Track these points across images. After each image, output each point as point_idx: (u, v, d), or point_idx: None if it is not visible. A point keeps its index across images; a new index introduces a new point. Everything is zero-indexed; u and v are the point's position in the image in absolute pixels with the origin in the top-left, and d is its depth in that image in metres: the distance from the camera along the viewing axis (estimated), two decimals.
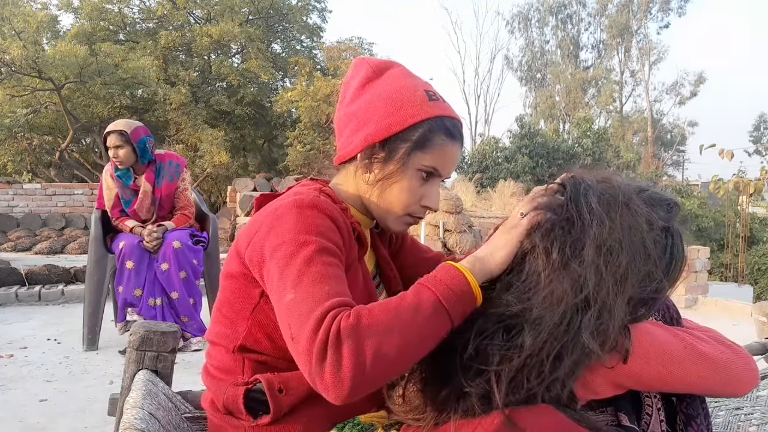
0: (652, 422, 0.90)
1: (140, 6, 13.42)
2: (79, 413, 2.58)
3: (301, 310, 0.79)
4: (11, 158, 11.64)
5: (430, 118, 0.99)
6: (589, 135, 14.57)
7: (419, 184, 1.02)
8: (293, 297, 0.81)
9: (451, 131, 1.02)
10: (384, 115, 0.99)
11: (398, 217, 1.04)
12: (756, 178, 6.19)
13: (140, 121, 11.56)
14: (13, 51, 9.26)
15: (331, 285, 0.82)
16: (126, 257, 3.34)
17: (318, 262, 0.85)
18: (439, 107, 1.01)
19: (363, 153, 1.01)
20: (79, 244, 7.51)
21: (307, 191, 0.98)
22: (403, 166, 1.00)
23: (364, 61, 1.07)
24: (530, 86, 32.42)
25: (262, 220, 0.95)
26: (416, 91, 1.01)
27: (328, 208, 0.94)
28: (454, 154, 1.03)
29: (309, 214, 0.91)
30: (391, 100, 1.00)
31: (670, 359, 0.85)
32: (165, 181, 3.47)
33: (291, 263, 0.85)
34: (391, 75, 1.04)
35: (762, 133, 31.76)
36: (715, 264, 9.82)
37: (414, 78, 1.05)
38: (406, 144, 0.99)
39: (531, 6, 31.46)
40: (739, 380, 0.89)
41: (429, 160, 1.00)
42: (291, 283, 0.83)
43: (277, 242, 0.89)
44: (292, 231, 0.89)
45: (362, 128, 1.01)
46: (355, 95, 1.04)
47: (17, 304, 4.75)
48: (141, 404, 0.99)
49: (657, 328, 0.89)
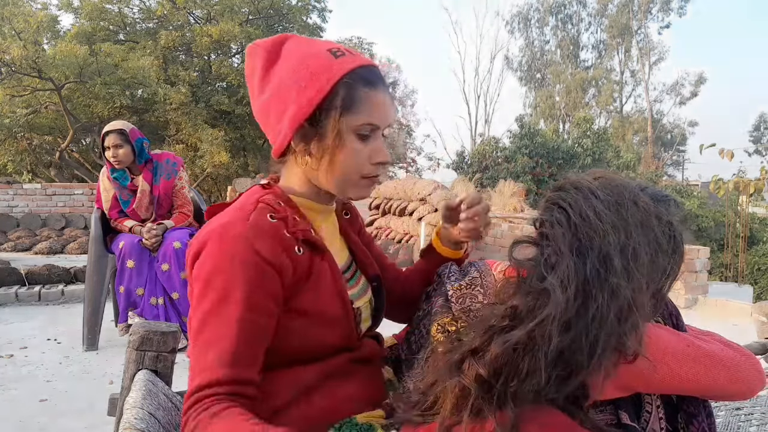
0: (652, 420, 0.90)
1: (140, 6, 13.42)
2: (79, 413, 2.57)
3: (192, 368, 0.88)
4: (11, 158, 11.64)
5: (344, 76, 0.95)
6: (589, 135, 14.56)
7: (363, 145, 0.98)
8: (191, 349, 0.90)
9: (371, 80, 0.97)
10: (299, 92, 0.95)
11: (355, 183, 1.01)
12: (756, 178, 6.18)
13: (140, 121, 11.61)
14: (13, 51, 9.26)
15: (219, 350, 0.87)
16: (126, 256, 3.34)
17: (220, 317, 0.88)
18: (348, 61, 0.96)
19: (295, 138, 0.97)
20: (79, 244, 7.50)
21: (242, 210, 0.94)
22: (339, 134, 0.95)
23: (256, 47, 1.01)
24: (530, 86, 32.40)
25: (196, 242, 0.94)
26: (320, 55, 0.97)
27: (256, 237, 0.90)
28: (383, 101, 0.98)
29: (230, 248, 0.89)
30: (300, 75, 0.95)
31: (675, 360, 0.85)
32: (162, 179, 3.48)
33: (198, 307, 0.90)
34: (289, 50, 0.99)
35: (762, 133, 31.74)
36: (715, 264, 9.81)
37: (312, 43, 1.01)
38: (332, 112, 0.95)
39: (531, 6, 31.46)
40: (748, 381, 0.89)
41: (362, 118, 0.96)
42: (193, 332, 0.90)
43: (196, 274, 0.92)
44: (208, 266, 0.90)
45: (283, 114, 0.97)
46: (262, 84, 1.00)
47: (17, 304, 4.74)
48: (141, 404, 0.99)
49: (662, 330, 0.89)
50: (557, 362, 0.77)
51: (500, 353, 0.79)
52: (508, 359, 0.79)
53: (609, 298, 0.78)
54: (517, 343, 0.78)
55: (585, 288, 0.78)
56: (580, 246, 0.81)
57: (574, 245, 0.81)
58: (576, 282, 0.78)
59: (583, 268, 0.79)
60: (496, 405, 0.79)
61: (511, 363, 0.79)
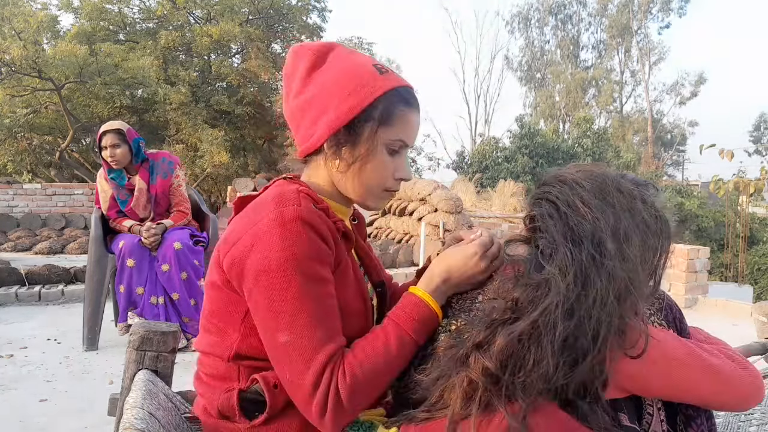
0: (653, 422, 0.90)
1: (140, 6, 13.41)
2: (79, 413, 2.57)
3: (298, 357, 0.89)
4: (11, 158, 11.63)
5: (386, 92, 0.99)
6: (589, 135, 14.57)
7: (390, 159, 1.03)
8: (288, 340, 0.89)
9: (409, 100, 1.03)
10: (341, 99, 0.98)
11: (377, 195, 1.06)
12: (756, 178, 6.18)
13: (140, 121, 11.61)
14: (13, 51, 9.26)
15: (324, 327, 0.90)
16: (126, 256, 3.34)
17: (309, 298, 0.90)
18: (392, 79, 1.01)
19: (329, 141, 1.00)
20: (79, 244, 7.50)
21: (288, 198, 0.96)
22: (372, 145, 1.00)
23: (304, 48, 1.04)
24: (530, 86, 32.41)
25: (241, 232, 0.94)
26: (366, 68, 1.00)
27: (312, 218, 0.93)
28: (415, 122, 1.04)
29: (293, 233, 0.91)
30: (345, 83, 0.98)
31: (674, 364, 0.85)
32: (159, 177, 3.48)
33: (280, 298, 0.89)
34: (336, 57, 1.02)
35: (762, 133, 31.74)
36: (715, 264, 9.81)
37: (358, 55, 1.04)
38: (370, 123, 0.99)
39: (531, 6, 31.46)
40: (745, 396, 0.89)
41: (395, 133, 1.01)
42: (284, 323, 0.89)
43: (261, 267, 0.90)
44: (277, 258, 0.89)
45: (321, 117, 0.99)
46: (303, 85, 1.02)
47: (17, 304, 4.75)
48: (141, 404, 0.99)
49: (667, 335, 0.88)
50: (563, 349, 0.79)
51: (506, 345, 0.81)
52: (513, 350, 0.81)
53: (607, 281, 0.81)
54: (522, 333, 0.81)
55: (583, 273, 0.81)
56: (572, 234, 0.84)
57: (567, 234, 0.85)
58: (574, 268, 0.81)
59: (579, 255, 0.82)
60: (505, 396, 0.80)
61: (518, 354, 0.81)
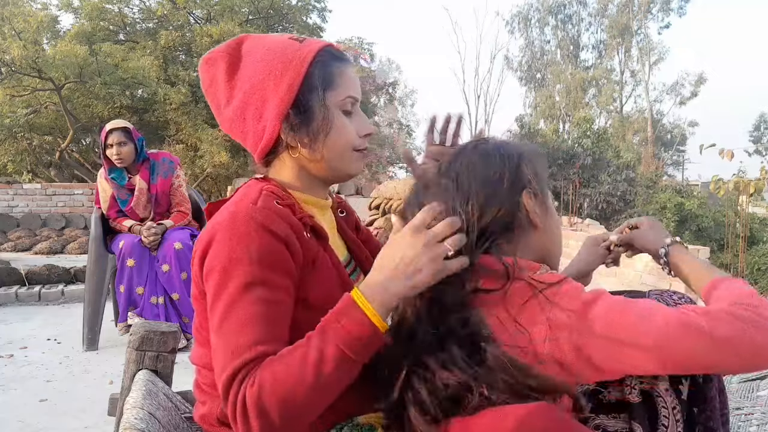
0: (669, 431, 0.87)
1: (140, 6, 13.41)
2: (79, 413, 2.57)
3: (221, 357, 0.84)
4: (11, 158, 11.62)
5: (315, 57, 0.97)
6: (589, 135, 14.55)
7: (348, 119, 1.00)
8: (215, 341, 0.86)
9: (339, 56, 1.01)
10: (276, 82, 0.95)
11: (350, 159, 1.02)
12: (756, 178, 6.17)
13: (140, 121, 11.63)
14: (13, 51, 9.25)
15: (251, 333, 0.83)
16: (126, 255, 3.34)
17: (243, 302, 0.85)
18: (313, 43, 0.99)
19: (283, 129, 0.96)
20: (79, 244, 7.50)
21: (248, 198, 0.94)
22: (327, 113, 0.97)
23: (213, 54, 1.00)
24: (530, 86, 32.39)
25: (204, 236, 0.93)
26: (285, 43, 0.98)
27: (267, 219, 0.89)
28: (354, 75, 1.03)
29: (243, 234, 0.88)
30: (272, 65, 0.95)
31: (617, 305, 0.81)
32: (159, 177, 3.49)
33: (219, 297, 0.87)
34: (251, 47, 1.00)
35: (762, 133, 31.75)
36: (715, 264, 9.81)
37: (270, 36, 1.02)
38: (315, 92, 0.96)
39: (531, 6, 31.43)
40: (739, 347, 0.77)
41: (342, 92, 0.99)
42: (216, 323, 0.86)
43: (210, 266, 0.89)
44: (223, 255, 0.87)
45: (264, 108, 0.96)
46: (229, 89, 0.98)
47: (17, 304, 4.74)
48: (141, 404, 0.99)
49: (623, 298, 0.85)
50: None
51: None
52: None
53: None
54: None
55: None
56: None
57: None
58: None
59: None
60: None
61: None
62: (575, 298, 0.82)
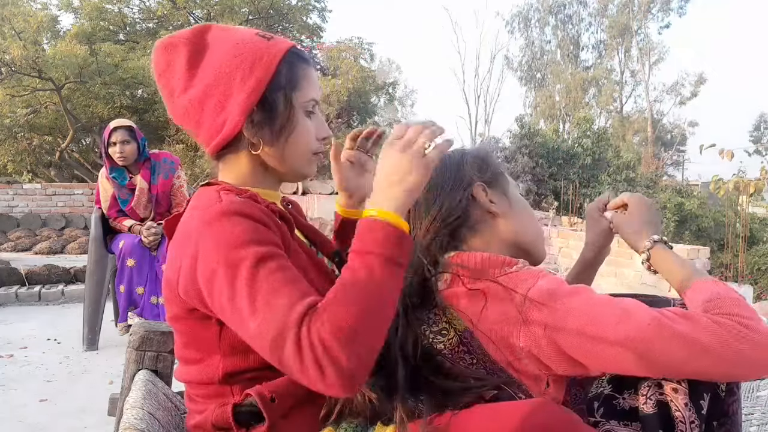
0: None
1: (140, 6, 13.42)
2: (79, 413, 2.57)
3: (271, 335, 0.77)
4: (11, 158, 11.63)
5: (284, 56, 0.96)
6: (589, 135, 14.53)
7: (310, 122, 1.00)
8: (257, 325, 0.78)
9: (304, 57, 1.00)
10: (244, 77, 0.93)
11: (308, 161, 1.02)
12: (756, 178, 6.16)
13: (140, 121, 11.63)
14: (13, 51, 9.26)
15: (284, 293, 0.79)
16: (126, 255, 3.34)
17: (260, 277, 0.81)
18: (280, 42, 0.98)
19: (246, 125, 0.94)
20: (79, 244, 7.49)
21: (208, 201, 0.92)
22: (291, 113, 0.96)
23: (174, 40, 0.97)
24: (530, 86, 32.38)
25: (180, 253, 0.90)
26: (254, 39, 0.96)
27: (238, 208, 0.87)
28: (316, 77, 1.02)
29: (224, 225, 0.85)
30: (241, 59, 0.93)
31: (593, 302, 0.82)
32: (160, 178, 3.49)
33: (235, 289, 0.81)
34: (218, 37, 0.97)
35: (762, 133, 31.73)
36: (715, 264, 9.80)
37: (237, 29, 1.00)
38: (281, 91, 0.95)
39: (531, 6, 31.43)
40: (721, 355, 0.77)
41: (306, 93, 0.98)
42: (247, 311, 0.79)
43: (209, 271, 0.83)
44: (218, 253, 0.83)
45: (227, 102, 0.93)
46: (187, 78, 0.95)
47: (17, 304, 4.75)
48: (141, 404, 0.99)
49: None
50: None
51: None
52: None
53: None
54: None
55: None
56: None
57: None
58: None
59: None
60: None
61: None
62: (550, 292, 0.83)
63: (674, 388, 0.85)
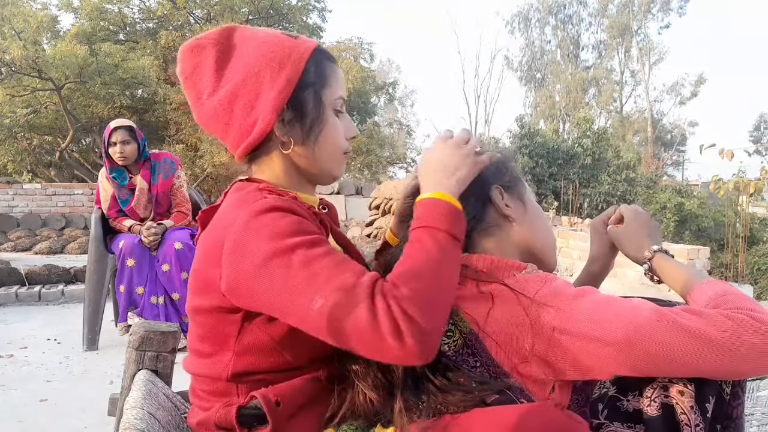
0: None
1: (140, 6, 13.41)
2: (79, 413, 2.57)
3: (339, 311, 0.76)
4: (11, 158, 11.62)
5: (310, 54, 0.96)
6: (589, 135, 14.53)
7: (338, 120, 1.00)
8: (320, 305, 0.77)
9: (330, 56, 1.00)
10: (274, 75, 0.92)
11: (339, 161, 1.02)
12: (756, 178, 6.16)
13: (140, 121, 11.64)
14: (13, 51, 9.25)
15: (345, 269, 0.80)
16: (126, 255, 3.34)
17: (316, 257, 0.81)
18: (306, 41, 0.98)
19: (277, 124, 0.93)
20: (79, 244, 7.50)
21: (252, 197, 0.91)
22: (320, 111, 0.96)
23: (200, 42, 0.96)
24: (530, 86, 32.39)
25: (219, 246, 0.87)
26: (281, 38, 0.96)
27: (284, 205, 0.87)
28: (342, 76, 1.02)
29: (270, 220, 0.84)
30: (270, 57, 0.93)
31: (599, 302, 0.82)
32: (160, 178, 3.49)
33: (291, 274, 0.80)
34: (244, 37, 0.96)
35: (762, 133, 31.73)
36: (715, 264, 9.80)
37: (263, 29, 1.00)
38: (310, 89, 0.95)
39: (531, 6, 31.44)
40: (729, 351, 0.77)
41: (334, 91, 0.98)
42: (308, 293, 0.78)
43: (259, 262, 0.82)
44: (267, 245, 0.82)
45: (257, 101, 0.92)
46: (216, 78, 0.94)
47: (17, 304, 4.74)
48: (141, 404, 0.99)
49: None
50: None
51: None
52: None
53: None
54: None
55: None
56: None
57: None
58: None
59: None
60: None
61: None
62: (558, 295, 0.83)
63: (681, 391, 0.84)
